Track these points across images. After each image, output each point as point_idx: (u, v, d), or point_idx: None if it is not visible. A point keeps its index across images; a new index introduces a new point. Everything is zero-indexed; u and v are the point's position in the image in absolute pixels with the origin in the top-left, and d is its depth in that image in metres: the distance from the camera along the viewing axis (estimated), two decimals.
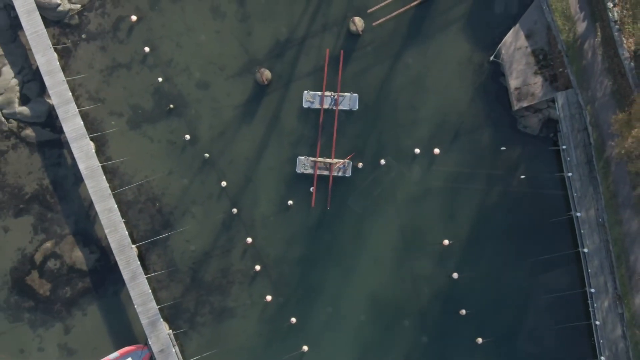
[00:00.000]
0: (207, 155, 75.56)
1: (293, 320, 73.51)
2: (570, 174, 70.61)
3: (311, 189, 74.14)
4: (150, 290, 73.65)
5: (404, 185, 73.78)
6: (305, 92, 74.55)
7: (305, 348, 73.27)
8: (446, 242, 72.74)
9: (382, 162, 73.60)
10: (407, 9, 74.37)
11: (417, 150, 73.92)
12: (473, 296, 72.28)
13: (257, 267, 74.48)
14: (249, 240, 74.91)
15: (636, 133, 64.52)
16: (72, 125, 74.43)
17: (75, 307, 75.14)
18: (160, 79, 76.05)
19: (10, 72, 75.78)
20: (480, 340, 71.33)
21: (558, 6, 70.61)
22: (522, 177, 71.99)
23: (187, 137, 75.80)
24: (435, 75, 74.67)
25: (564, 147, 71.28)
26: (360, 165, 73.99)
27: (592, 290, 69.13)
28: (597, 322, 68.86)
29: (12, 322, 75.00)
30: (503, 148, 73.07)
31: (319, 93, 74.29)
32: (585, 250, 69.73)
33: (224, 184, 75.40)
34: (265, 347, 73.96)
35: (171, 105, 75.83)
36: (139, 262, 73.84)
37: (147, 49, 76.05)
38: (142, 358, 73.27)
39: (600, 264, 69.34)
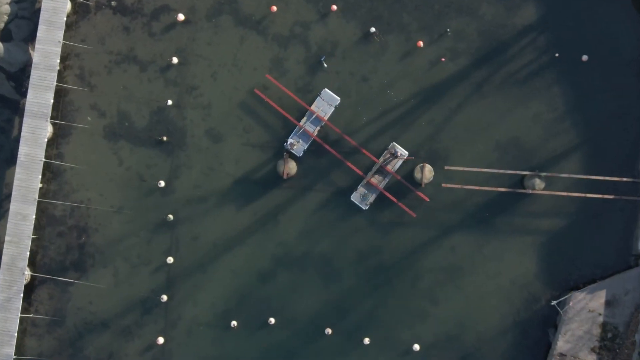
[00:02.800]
0: (171, 216, 58.43)
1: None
2: None
3: None
4: (16, 332, 56.37)
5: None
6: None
7: None
8: None
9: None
10: (488, 191, 57.83)
11: (416, 347, 57.10)
12: None
13: None
14: (161, 340, 57.74)
15: None
16: (39, 97, 57.31)
17: None
18: (170, 102, 59.09)
19: None
20: None
21: None
22: None
23: (162, 183, 58.73)
24: (477, 278, 57.93)
25: None
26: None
27: None
28: None
29: None
30: None
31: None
32: None
33: (170, 260, 58.22)
34: None
35: (164, 138, 58.84)
36: (22, 294, 56.59)
37: (175, 60, 59.10)
38: None
39: None
